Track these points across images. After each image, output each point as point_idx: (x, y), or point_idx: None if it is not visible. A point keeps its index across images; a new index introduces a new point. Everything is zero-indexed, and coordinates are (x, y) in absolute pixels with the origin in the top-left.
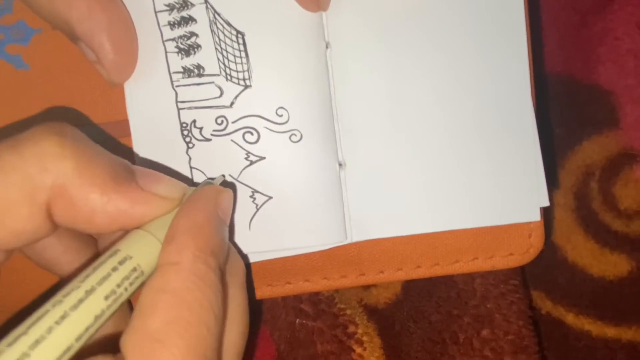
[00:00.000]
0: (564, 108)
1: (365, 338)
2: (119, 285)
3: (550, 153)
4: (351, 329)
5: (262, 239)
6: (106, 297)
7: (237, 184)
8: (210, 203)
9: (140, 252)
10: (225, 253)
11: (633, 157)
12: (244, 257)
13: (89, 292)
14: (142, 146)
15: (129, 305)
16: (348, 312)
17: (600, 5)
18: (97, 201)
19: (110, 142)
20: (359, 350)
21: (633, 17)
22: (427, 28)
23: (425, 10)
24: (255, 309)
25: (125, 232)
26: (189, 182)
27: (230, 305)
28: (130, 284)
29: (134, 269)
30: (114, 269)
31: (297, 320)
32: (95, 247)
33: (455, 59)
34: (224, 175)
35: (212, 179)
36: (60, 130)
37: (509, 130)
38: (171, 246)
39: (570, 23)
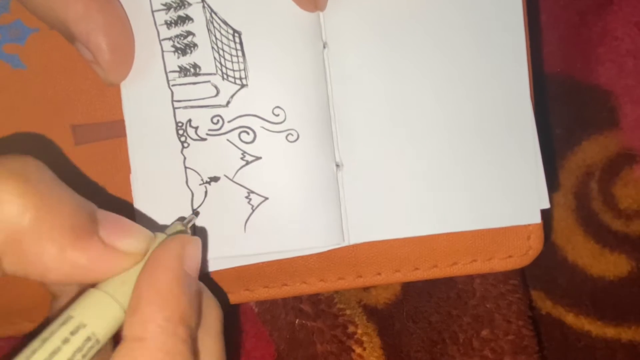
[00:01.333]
0: (563, 108)
1: (365, 338)
2: None
3: (551, 155)
4: (351, 329)
5: (257, 240)
6: None
7: (232, 184)
8: (175, 261)
9: (95, 318)
10: (196, 315)
11: (633, 157)
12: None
13: None
14: (137, 146)
15: None
16: (348, 312)
17: (600, 6)
18: (52, 257)
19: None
20: (358, 350)
21: (632, 17)
22: (425, 28)
23: (423, 10)
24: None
25: (80, 288)
26: (184, 183)
27: None
28: (83, 356)
29: (88, 339)
30: (65, 341)
31: (297, 321)
32: None
33: (454, 60)
34: (195, 214)
35: (183, 218)
36: (24, 172)
37: (509, 132)
38: (134, 318)
39: (570, 23)
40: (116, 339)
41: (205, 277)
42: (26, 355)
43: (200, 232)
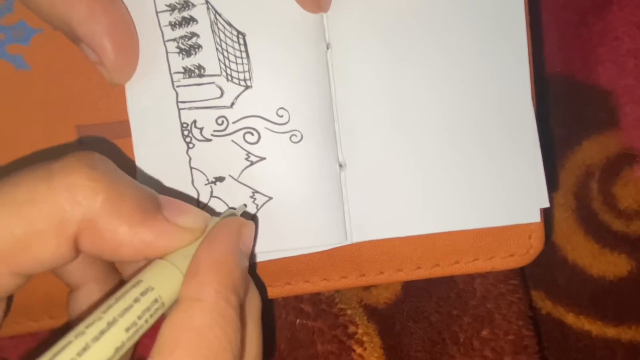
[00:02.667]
0: (564, 108)
1: (365, 338)
2: (139, 317)
3: (551, 154)
4: (351, 329)
5: (262, 239)
6: (127, 329)
7: (237, 184)
8: (233, 236)
9: (162, 284)
10: (245, 287)
11: (633, 157)
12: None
13: (110, 324)
14: (142, 146)
15: None
16: (348, 312)
17: (600, 6)
18: (124, 234)
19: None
20: (359, 350)
21: (633, 17)
22: (427, 29)
23: (425, 11)
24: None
25: (147, 262)
26: (189, 183)
27: (246, 341)
28: (151, 315)
29: (155, 300)
30: (136, 300)
31: (297, 320)
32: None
33: (456, 60)
34: (245, 205)
35: (234, 208)
36: (92, 162)
37: (509, 131)
38: (193, 281)
39: (570, 23)
40: None
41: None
42: (103, 310)
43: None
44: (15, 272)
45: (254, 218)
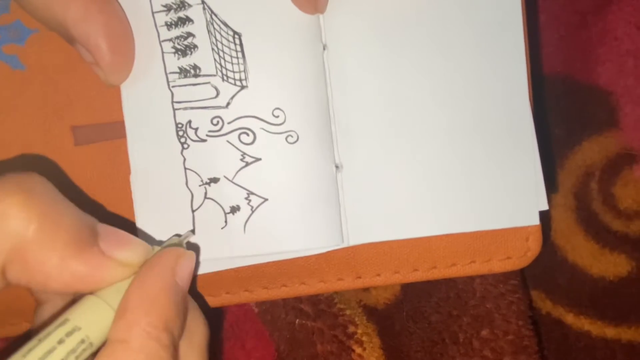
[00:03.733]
0: (563, 108)
1: (365, 338)
2: None
3: (550, 155)
4: (351, 329)
5: (257, 241)
6: None
7: (231, 185)
8: (168, 270)
9: (90, 322)
10: (181, 324)
11: (633, 157)
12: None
13: None
14: (137, 147)
15: None
16: (348, 312)
17: (600, 6)
18: (54, 267)
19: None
20: (358, 350)
21: (632, 17)
22: (424, 29)
23: (422, 11)
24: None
25: (68, 297)
26: (183, 184)
27: None
28: (77, 357)
29: (82, 341)
30: (60, 342)
31: (297, 321)
32: None
33: (453, 62)
34: (192, 232)
35: (179, 235)
36: (29, 187)
37: (507, 133)
38: (121, 321)
39: (570, 23)
40: None
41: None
42: (22, 353)
43: (193, 248)
44: None
45: (196, 248)
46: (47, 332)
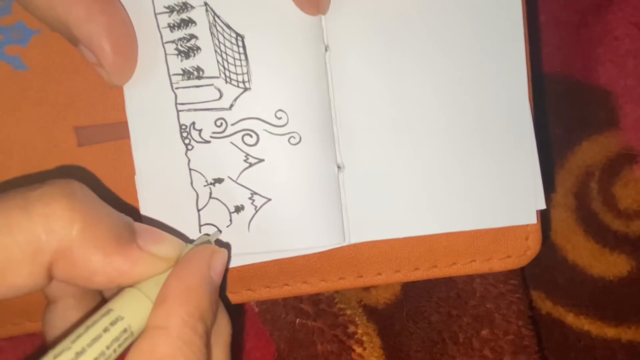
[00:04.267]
0: (563, 108)
1: (365, 338)
2: (108, 347)
3: (549, 155)
4: (351, 329)
5: (260, 240)
6: (95, 359)
7: (235, 185)
8: (203, 265)
9: (132, 313)
10: (213, 316)
11: (633, 157)
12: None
13: (79, 354)
14: (141, 148)
15: None
16: (348, 312)
17: (600, 6)
18: (98, 263)
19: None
20: (359, 350)
21: (632, 17)
22: (425, 30)
23: (423, 12)
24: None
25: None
26: (188, 184)
27: None
28: (120, 345)
29: (125, 330)
30: (105, 330)
31: (297, 320)
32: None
33: (454, 62)
34: (220, 231)
35: (208, 234)
36: (70, 191)
37: (507, 133)
38: (161, 309)
39: (570, 23)
40: None
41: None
42: (72, 339)
43: (224, 246)
44: None
45: (227, 246)
46: (93, 320)
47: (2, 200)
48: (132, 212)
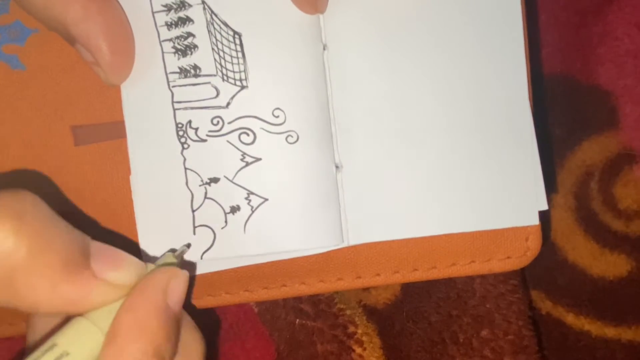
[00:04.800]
0: (563, 109)
1: (365, 338)
2: None
3: (550, 155)
4: (351, 329)
5: (257, 241)
6: None
7: (232, 185)
8: (158, 293)
9: (79, 346)
10: (173, 347)
11: (633, 157)
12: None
13: None
14: (137, 147)
15: None
16: (348, 312)
17: (600, 6)
18: (44, 293)
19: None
20: (358, 350)
21: (632, 17)
22: (424, 30)
23: (422, 12)
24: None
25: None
26: (183, 184)
27: None
28: None
29: None
30: None
31: (297, 321)
32: None
33: (453, 62)
34: (188, 246)
35: (175, 249)
36: (19, 210)
37: (507, 133)
38: (111, 348)
39: (570, 24)
40: None
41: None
42: None
43: (188, 266)
44: None
45: (192, 266)
46: (34, 357)
47: None
48: (127, 211)
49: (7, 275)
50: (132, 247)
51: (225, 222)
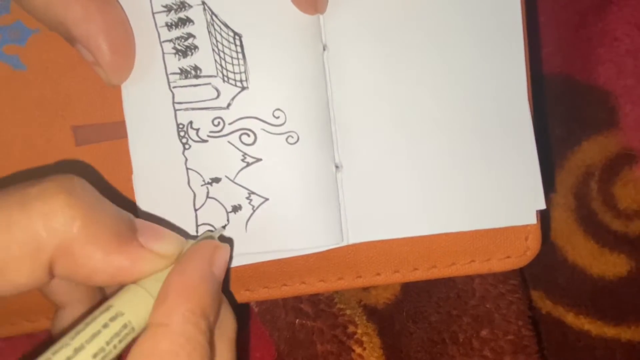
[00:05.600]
0: (563, 109)
1: (365, 338)
2: (108, 343)
3: (549, 155)
4: (351, 329)
5: (258, 240)
6: (94, 355)
7: (233, 185)
8: (205, 261)
9: (132, 309)
10: (216, 312)
11: (633, 157)
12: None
13: (77, 350)
14: (138, 147)
15: None
16: (348, 312)
17: (599, 6)
18: (99, 261)
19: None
20: (358, 350)
21: (632, 17)
22: (423, 30)
23: (422, 12)
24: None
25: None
26: (186, 184)
27: None
28: (120, 341)
29: (125, 326)
30: (105, 326)
31: (297, 321)
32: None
33: (452, 62)
34: (224, 227)
35: (212, 230)
36: (70, 187)
37: (506, 133)
38: (162, 307)
39: (570, 24)
40: None
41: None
42: (71, 336)
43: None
44: None
45: (230, 242)
46: (92, 316)
47: (1, 198)
48: (132, 208)
49: (66, 245)
50: None
51: (227, 220)
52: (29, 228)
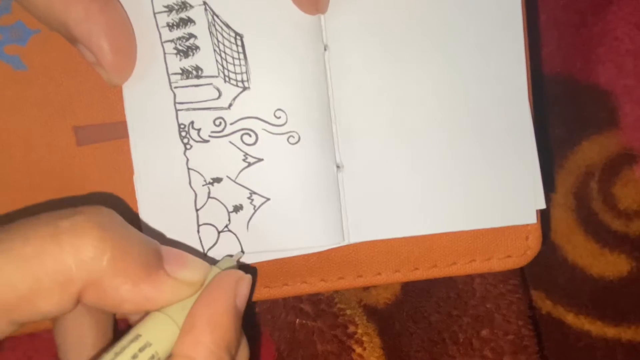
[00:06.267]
0: (563, 108)
1: (365, 338)
2: None
3: (549, 155)
4: (351, 329)
5: (259, 240)
6: None
7: (234, 185)
8: (230, 292)
9: (159, 338)
10: (238, 346)
11: (633, 157)
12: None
13: None
14: (140, 147)
15: None
16: (348, 312)
17: (600, 6)
18: (127, 291)
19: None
20: (359, 350)
21: (632, 17)
22: (424, 30)
23: (422, 12)
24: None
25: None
26: (187, 184)
27: None
28: None
29: (152, 357)
30: (134, 357)
31: (297, 320)
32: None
33: (453, 62)
34: (242, 252)
35: (231, 255)
36: (100, 221)
37: (507, 133)
38: (188, 338)
39: (570, 24)
40: None
41: None
42: None
43: (246, 268)
44: (14, 321)
45: (253, 272)
46: (121, 346)
47: (34, 227)
48: (131, 211)
49: (95, 277)
50: None
51: (229, 220)
52: (60, 260)
